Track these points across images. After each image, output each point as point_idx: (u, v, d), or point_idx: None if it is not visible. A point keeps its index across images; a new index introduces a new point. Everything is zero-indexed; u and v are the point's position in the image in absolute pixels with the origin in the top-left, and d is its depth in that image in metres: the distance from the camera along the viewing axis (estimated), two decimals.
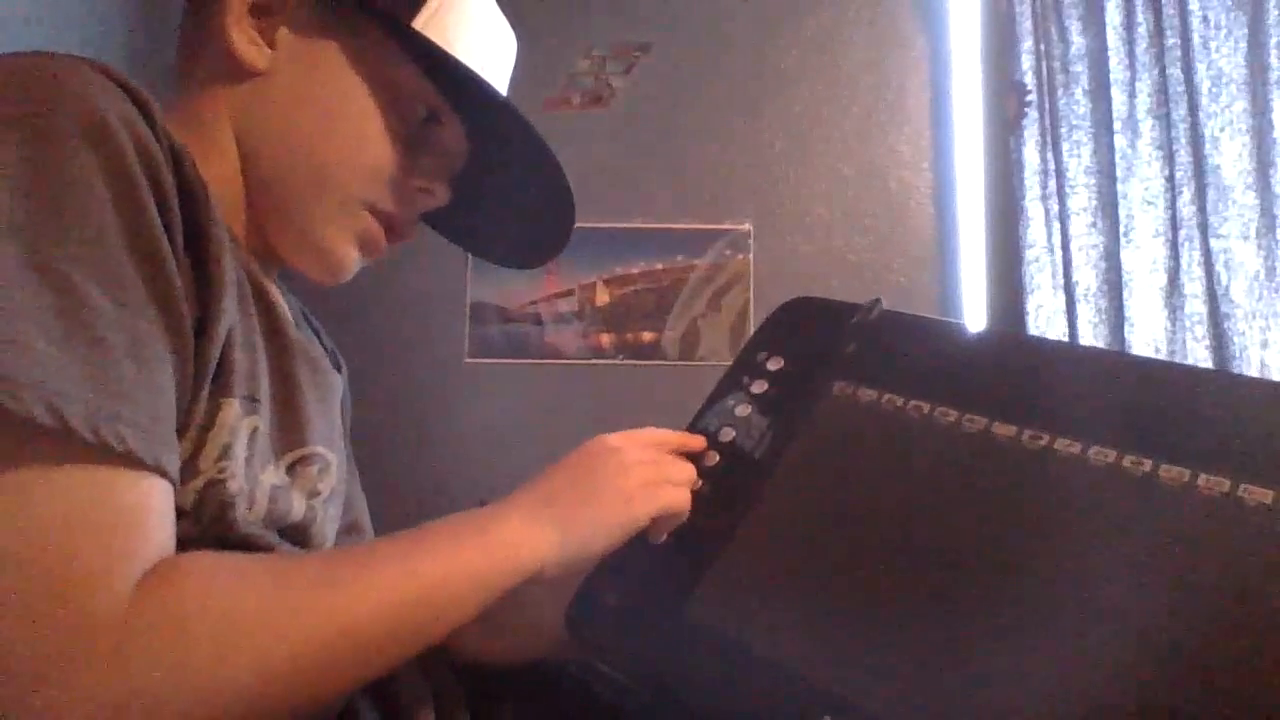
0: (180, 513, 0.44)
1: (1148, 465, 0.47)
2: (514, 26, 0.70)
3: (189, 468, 0.46)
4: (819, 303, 0.67)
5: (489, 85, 0.61)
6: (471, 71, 0.59)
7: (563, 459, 0.56)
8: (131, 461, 0.39)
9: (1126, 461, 0.48)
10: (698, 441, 0.61)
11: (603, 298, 2.04)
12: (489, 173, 0.69)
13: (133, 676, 0.36)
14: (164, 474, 0.41)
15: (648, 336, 2.03)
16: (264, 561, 0.45)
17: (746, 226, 2.03)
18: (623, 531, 0.54)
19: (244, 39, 0.56)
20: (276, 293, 0.60)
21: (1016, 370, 0.57)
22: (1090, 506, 0.48)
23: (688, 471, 0.58)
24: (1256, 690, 0.39)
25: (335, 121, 0.58)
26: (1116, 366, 0.64)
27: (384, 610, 0.44)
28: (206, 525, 0.47)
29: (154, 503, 0.40)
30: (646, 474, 0.56)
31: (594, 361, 2.03)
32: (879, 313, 0.63)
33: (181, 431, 0.45)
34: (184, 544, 0.43)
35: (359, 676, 0.44)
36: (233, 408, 0.49)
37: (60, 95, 0.41)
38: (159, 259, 0.42)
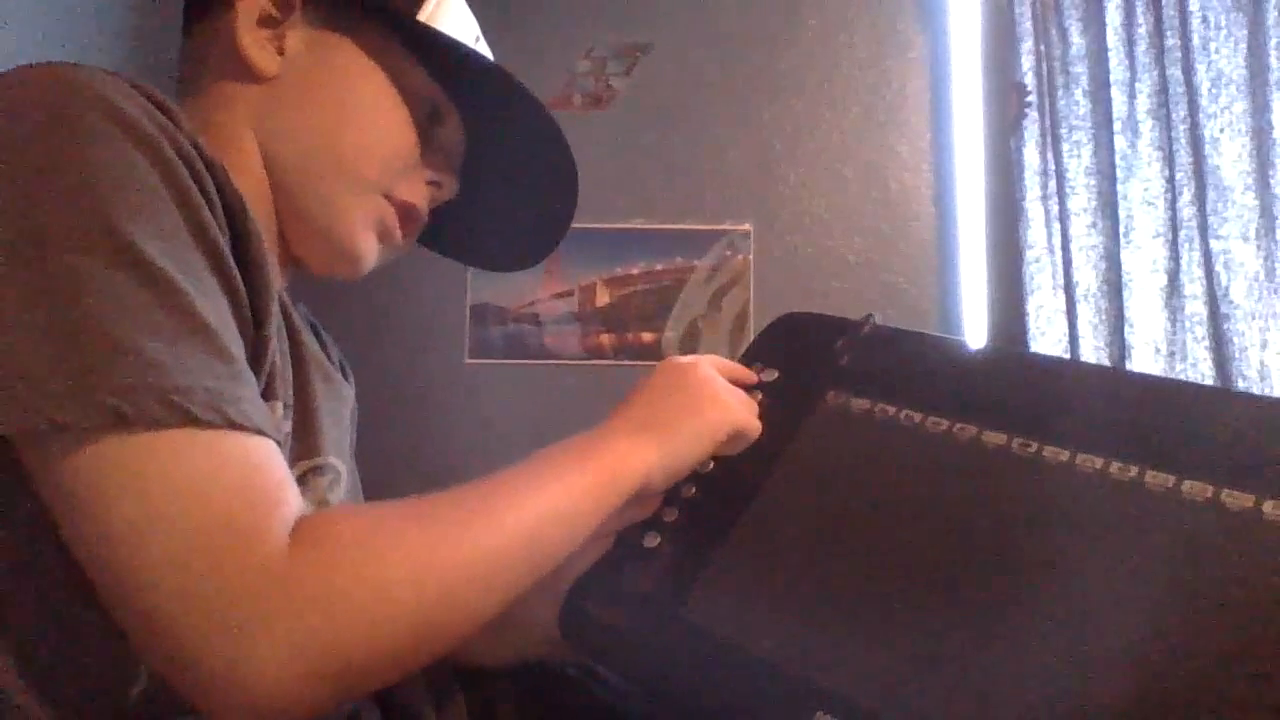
0: None
1: (1134, 471, 0.48)
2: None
3: None
4: (812, 317, 0.69)
5: (491, 62, 0.63)
6: (474, 52, 0.62)
7: (645, 381, 0.60)
8: (257, 431, 0.42)
9: (1113, 468, 0.49)
10: (750, 375, 0.64)
11: (602, 298, 2.04)
12: (487, 173, 0.70)
13: (307, 615, 0.38)
14: (277, 441, 0.44)
15: (648, 337, 2.03)
16: (401, 505, 0.47)
17: (746, 227, 2.04)
18: (721, 430, 0.58)
19: (256, 47, 0.58)
20: (289, 302, 0.61)
21: (1007, 382, 0.58)
22: (1077, 510, 0.49)
23: (752, 401, 0.62)
24: (1240, 687, 0.39)
25: (349, 113, 0.60)
26: (1104, 380, 0.65)
27: (519, 535, 0.47)
28: None
29: (279, 464, 0.43)
30: (725, 385, 0.60)
31: (594, 362, 2.03)
32: (872, 327, 0.64)
33: None
34: None
35: (503, 600, 0.46)
36: (278, 411, 0.51)
37: (97, 106, 0.42)
38: (221, 254, 0.44)
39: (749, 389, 0.64)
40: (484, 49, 0.67)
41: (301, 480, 0.58)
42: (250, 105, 0.58)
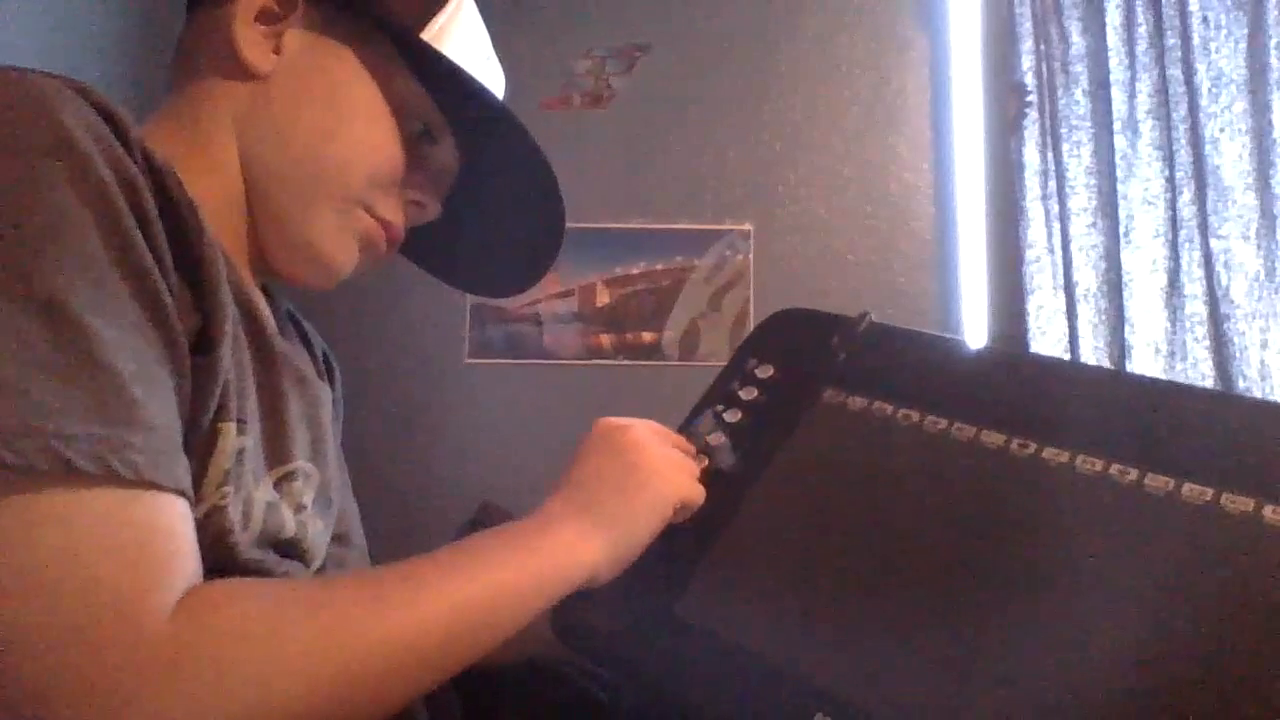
0: None
1: (1134, 474, 0.48)
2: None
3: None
4: (808, 314, 0.69)
5: (493, 96, 0.61)
6: (476, 82, 0.60)
7: (582, 452, 0.57)
8: (148, 485, 0.38)
9: (1113, 470, 0.49)
10: (688, 447, 0.62)
11: (603, 298, 2.04)
12: (477, 197, 0.69)
13: (182, 699, 0.36)
14: (182, 494, 0.40)
15: (648, 337, 2.03)
16: (306, 584, 0.44)
17: (746, 226, 2.04)
18: (667, 507, 0.55)
19: (251, 43, 0.57)
20: (262, 302, 0.60)
21: (1006, 383, 0.58)
22: (1076, 512, 0.49)
23: (693, 466, 0.59)
24: (1240, 689, 0.39)
25: (338, 123, 0.58)
26: (1104, 382, 0.65)
27: (434, 627, 0.44)
28: (205, 552, 0.46)
29: (176, 523, 0.40)
30: (667, 453, 0.57)
31: (594, 362, 2.03)
32: (868, 324, 0.64)
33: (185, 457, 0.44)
34: None
35: (409, 692, 0.43)
36: (230, 431, 0.49)
37: (27, 114, 0.40)
38: (148, 278, 0.42)
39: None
40: (494, 67, 0.66)
41: (277, 486, 0.57)
42: (236, 103, 0.57)
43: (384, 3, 0.58)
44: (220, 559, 0.49)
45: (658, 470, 0.55)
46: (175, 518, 0.40)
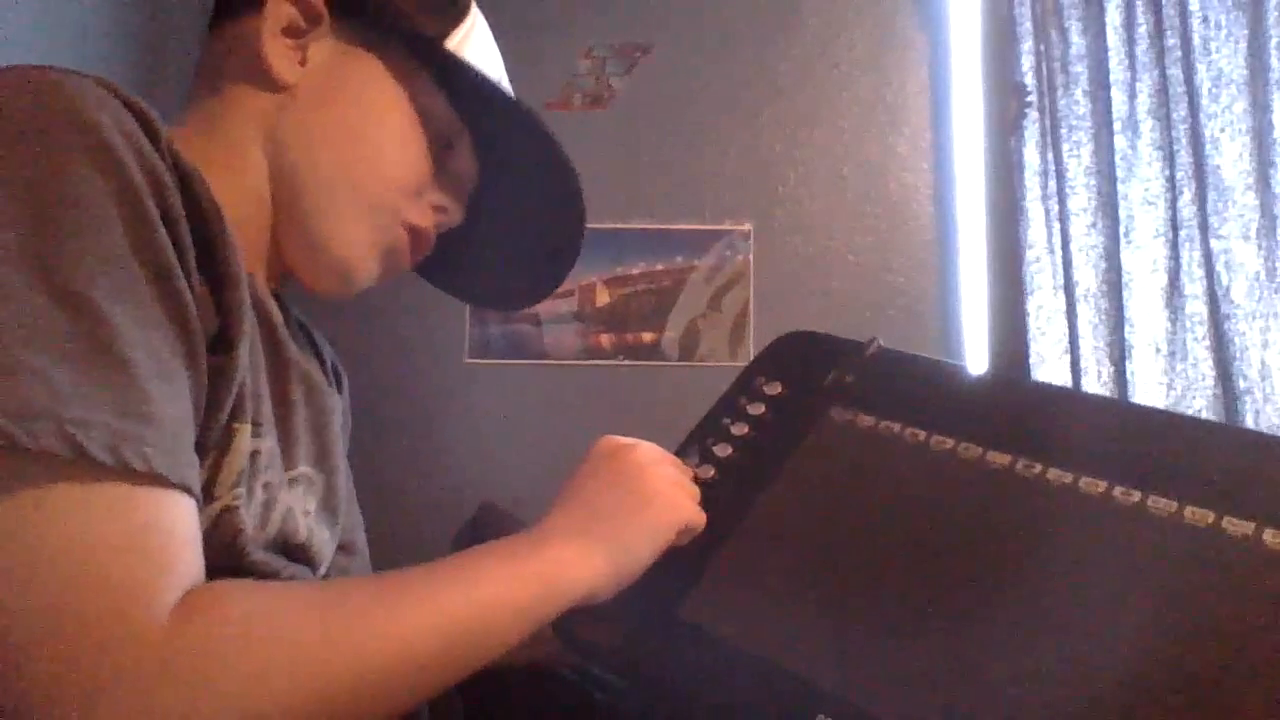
0: None
1: (1137, 496, 0.48)
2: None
3: (205, 494, 0.46)
4: (818, 337, 0.69)
5: (520, 104, 0.62)
6: (502, 90, 0.61)
7: (585, 468, 0.57)
8: (157, 481, 0.38)
9: (1116, 491, 0.49)
10: (690, 471, 0.61)
11: (602, 298, 2.04)
12: (495, 206, 0.69)
13: (175, 699, 0.36)
14: (190, 493, 0.40)
15: (647, 337, 2.03)
16: (305, 587, 0.44)
17: (746, 226, 2.04)
18: (671, 530, 0.55)
19: (278, 55, 0.57)
20: (276, 310, 0.60)
21: (1012, 408, 0.59)
22: (1079, 531, 0.50)
23: (696, 490, 0.59)
24: (1238, 709, 0.40)
25: (364, 132, 0.59)
26: (1109, 409, 0.66)
27: (433, 636, 0.44)
28: (215, 552, 0.46)
29: (181, 522, 0.40)
30: (671, 477, 0.57)
31: (594, 362, 2.03)
32: (877, 349, 0.65)
33: (199, 456, 0.44)
34: None
35: (405, 702, 0.43)
36: (245, 432, 0.49)
37: (60, 111, 0.40)
38: (171, 276, 0.42)
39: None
40: (505, 81, 0.66)
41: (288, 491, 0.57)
42: (262, 113, 0.58)
43: (408, 16, 0.59)
44: (229, 559, 0.49)
45: (661, 493, 0.55)
46: (181, 515, 0.40)
